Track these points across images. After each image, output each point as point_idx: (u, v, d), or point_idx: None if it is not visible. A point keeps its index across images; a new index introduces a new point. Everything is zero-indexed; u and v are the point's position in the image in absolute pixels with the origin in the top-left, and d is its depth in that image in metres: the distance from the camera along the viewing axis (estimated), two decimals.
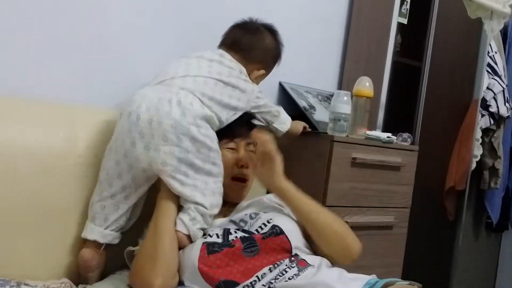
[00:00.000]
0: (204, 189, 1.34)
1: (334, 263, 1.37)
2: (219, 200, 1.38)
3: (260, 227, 1.34)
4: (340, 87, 2.23)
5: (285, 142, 1.65)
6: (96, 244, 1.38)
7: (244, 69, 1.50)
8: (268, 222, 1.34)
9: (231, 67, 1.47)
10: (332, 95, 2.17)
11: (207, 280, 1.23)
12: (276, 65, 1.62)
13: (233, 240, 1.30)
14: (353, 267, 1.78)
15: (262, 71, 1.56)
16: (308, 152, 1.82)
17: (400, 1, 2.14)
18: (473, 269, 3.09)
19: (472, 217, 3.01)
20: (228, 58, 1.49)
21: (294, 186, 1.39)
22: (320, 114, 2.00)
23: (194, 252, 1.27)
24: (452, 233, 2.80)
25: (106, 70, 1.66)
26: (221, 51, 1.51)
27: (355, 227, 1.82)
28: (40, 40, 1.53)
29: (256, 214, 1.38)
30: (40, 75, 1.54)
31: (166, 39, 1.77)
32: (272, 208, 1.43)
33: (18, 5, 1.49)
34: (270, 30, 1.59)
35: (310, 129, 1.85)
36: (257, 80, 1.57)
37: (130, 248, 1.38)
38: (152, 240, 1.29)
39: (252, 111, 1.58)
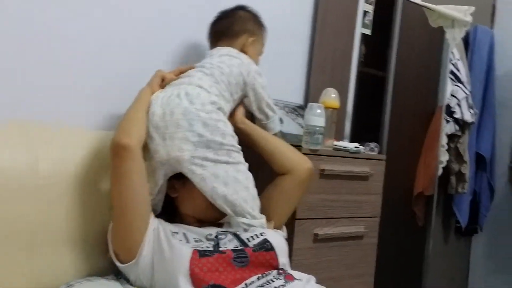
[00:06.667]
0: (226, 177, 1.39)
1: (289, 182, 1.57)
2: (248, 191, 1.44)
3: (252, 237, 1.39)
4: (306, 98, 2.23)
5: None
6: None
7: (232, 49, 1.61)
8: (261, 234, 1.40)
9: (220, 55, 1.58)
10: (298, 107, 2.18)
11: (196, 283, 1.24)
12: (263, 29, 1.72)
13: (225, 249, 1.34)
14: (325, 278, 1.79)
15: (251, 39, 1.66)
16: None
17: (363, 12, 2.17)
18: (445, 273, 3.13)
19: (441, 222, 3.05)
20: (215, 52, 1.61)
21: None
22: (288, 126, 2.00)
23: (185, 255, 1.28)
24: (422, 238, 2.83)
25: (67, 86, 1.62)
26: (209, 52, 1.65)
27: (325, 239, 1.84)
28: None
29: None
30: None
31: (129, 58, 1.76)
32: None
33: None
34: (240, 7, 1.73)
35: None
36: (251, 50, 1.65)
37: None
38: (124, 115, 1.41)
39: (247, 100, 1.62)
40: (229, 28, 1.67)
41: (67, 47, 1.61)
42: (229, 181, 1.39)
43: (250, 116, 1.68)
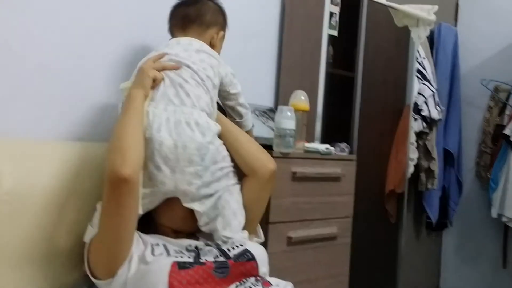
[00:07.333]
0: (221, 209, 1.42)
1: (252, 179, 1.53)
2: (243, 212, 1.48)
3: (232, 247, 1.38)
4: (276, 101, 2.23)
5: None
6: None
7: (204, 44, 1.53)
8: (241, 245, 1.40)
9: (197, 50, 1.49)
10: (269, 110, 2.18)
11: None
12: (227, 26, 1.66)
13: (205, 260, 1.32)
14: (301, 281, 1.79)
15: (221, 33, 1.62)
16: None
17: (329, 14, 2.18)
18: (418, 268, 3.18)
19: (412, 218, 3.10)
20: (185, 42, 1.50)
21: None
22: (258, 130, 1.99)
23: (163, 268, 1.26)
24: (395, 235, 2.87)
25: (24, 97, 1.54)
26: (177, 40, 1.52)
27: (299, 242, 1.84)
28: None
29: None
30: None
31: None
32: None
33: None
34: None
35: None
36: (219, 45, 1.61)
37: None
38: (121, 131, 1.29)
39: (221, 99, 1.59)
40: (201, 17, 1.56)
41: (17, 56, 1.54)
42: (224, 212, 1.43)
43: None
